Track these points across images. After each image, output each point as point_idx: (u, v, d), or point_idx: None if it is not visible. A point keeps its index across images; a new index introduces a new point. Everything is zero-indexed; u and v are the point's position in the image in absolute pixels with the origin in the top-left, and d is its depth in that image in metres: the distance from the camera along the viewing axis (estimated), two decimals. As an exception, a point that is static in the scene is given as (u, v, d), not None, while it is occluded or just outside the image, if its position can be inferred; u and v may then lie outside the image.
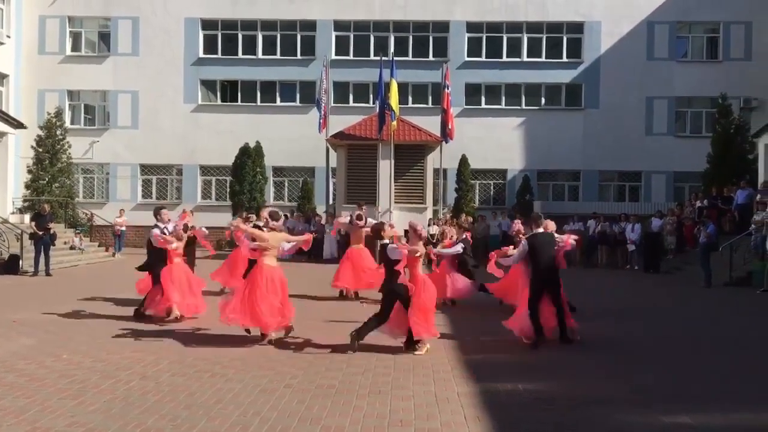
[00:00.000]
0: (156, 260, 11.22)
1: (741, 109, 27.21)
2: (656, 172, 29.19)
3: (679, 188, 29.27)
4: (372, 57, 28.74)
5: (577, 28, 29.67)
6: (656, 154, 28.75)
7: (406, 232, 10.84)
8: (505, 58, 29.81)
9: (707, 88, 28.26)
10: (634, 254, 23.02)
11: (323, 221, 24.79)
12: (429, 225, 24.14)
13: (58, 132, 27.57)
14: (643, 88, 29.12)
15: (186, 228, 11.77)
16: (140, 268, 11.94)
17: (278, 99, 30.28)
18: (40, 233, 18.17)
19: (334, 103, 28.21)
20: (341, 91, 29.76)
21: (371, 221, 13.90)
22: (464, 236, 13.52)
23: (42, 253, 18.20)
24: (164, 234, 11.28)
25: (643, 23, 29.26)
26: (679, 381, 7.65)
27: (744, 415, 6.45)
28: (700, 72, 29.17)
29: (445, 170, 26.58)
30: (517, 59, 29.76)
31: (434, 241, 23.79)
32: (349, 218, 14.45)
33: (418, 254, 9.01)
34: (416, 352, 8.66)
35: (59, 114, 28.05)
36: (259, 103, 30.14)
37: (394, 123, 23.29)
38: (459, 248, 11.90)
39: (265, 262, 9.25)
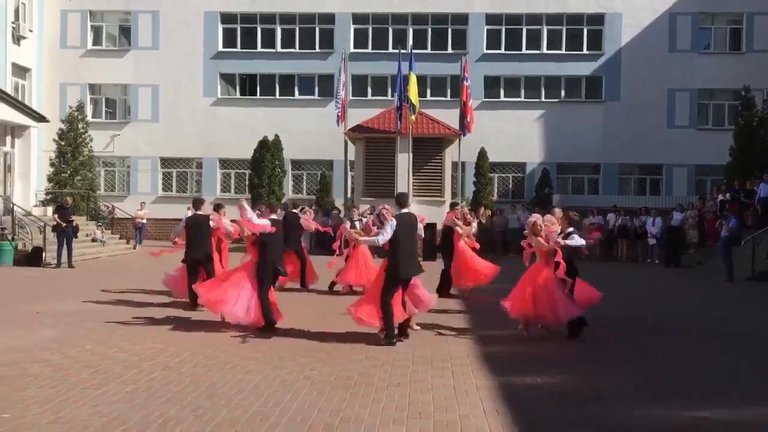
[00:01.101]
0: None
1: (764, 101, 26.77)
2: (678, 165, 28.88)
3: (701, 181, 28.95)
4: (390, 50, 28.68)
5: (597, 19, 29.38)
6: (678, 147, 28.43)
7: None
8: (524, 51, 29.60)
9: (730, 80, 27.86)
10: (655, 248, 22.86)
11: (341, 214, 24.83)
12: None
13: (80, 125, 27.85)
14: (664, 80, 28.78)
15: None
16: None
17: (297, 92, 30.33)
18: (63, 225, 18.39)
19: (352, 96, 28.20)
20: (360, 84, 29.74)
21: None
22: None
23: (64, 246, 18.42)
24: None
25: (665, 14, 28.90)
26: (700, 375, 7.60)
27: (766, 410, 6.40)
28: (722, 64, 28.77)
29: (463, 163, 26.50)
30: (537, 51, 29.55)
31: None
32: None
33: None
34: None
35: (81, 108, 28.33)
36: (277, 97, 30.22)
37: (413, 116, 23.26)
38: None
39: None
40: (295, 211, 15.08)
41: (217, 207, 12.16)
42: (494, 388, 6.84)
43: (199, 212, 11.83)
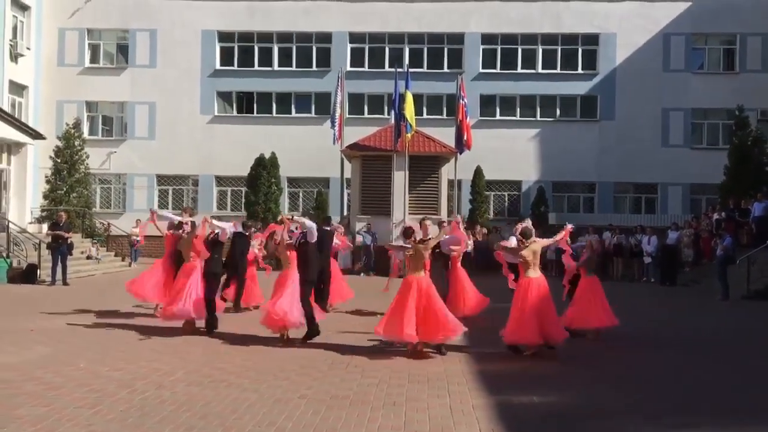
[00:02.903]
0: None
1: (758, 121, 27.00)
2: (672, 184, 29.01)
3: (696, 200, 29.07)
4: (387, 69, 28.86)
5: (592, 39, 29.63)
6: (672, 166, 28.57)
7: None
8: (519, 70, 29.82)
9: (724, 99, 28.07)
10: (651, 267, 22.85)
11: (341, 231, 24.71)
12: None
13: (76, 143, 27.84)
14: (659, 99, 29.00)
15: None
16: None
17: (293, 110, 30.46)
18: (59, 240, 18.32)
19: (349, 114, 28.30)
20: (356, 102, 29.87)
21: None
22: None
23: (59, 263, 18.34)
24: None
25: (659, 35, 29.18)
26: (693, 393, 7.59)
27: (758, 429, 6.39)
28: (716, 84, 29.01)
29: (459, 181, 26.55)
30: (532, 71, 29.76)
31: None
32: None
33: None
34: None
35: (77, 125, 28.35)
36: (274, 115, 30.33)
37: (409, 135, 23.32)
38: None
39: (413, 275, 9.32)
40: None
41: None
42: (490, 407, 6.81)
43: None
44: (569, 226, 10.37)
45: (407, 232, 9.56)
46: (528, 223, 9.91)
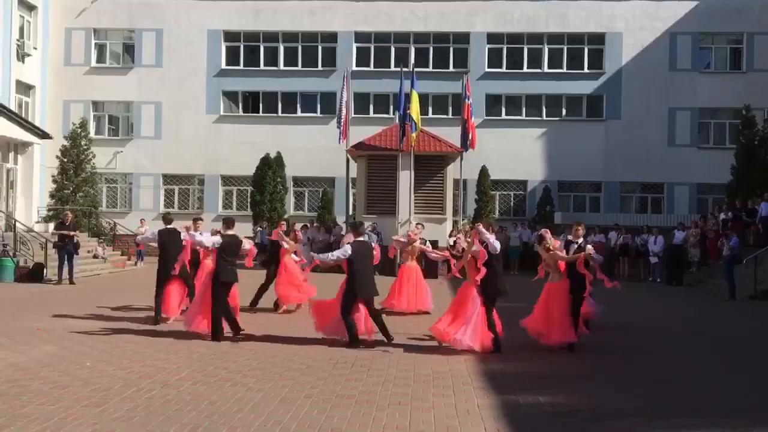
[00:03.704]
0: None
1: (765, 120, 26.84)
2: (679, 184, 28.90)
3: (703, 200, 28.95)
4: (392, 68, 28.84)
5: (598, 39, 29.55)
6: (679, 166, 28.46)
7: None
8: (525, 69, 29.77)
9: (731, 99, 27.93)
10: (657, 267, 22.79)
11: (343, 231, 24.77)
12: (449, 236, 24.07)
13: (83, 142, 27.93)
14: (665, 99, 28.89)
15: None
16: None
17: (299, 110, 30.49)
18: (65, 238, 18.38)
19: (354, 114, 28.28)
20: (362, 102, 29.87)
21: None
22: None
23: (66, 262, 18.39)
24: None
25: (665, 34, 29.07)
26: (699, 395, 7.57)
27: (758, 429, 6.36)
28: (723, 83, 28.88)
29: (465, 181, 26.51)
30: (538, 70, 29.70)
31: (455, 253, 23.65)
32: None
33: None
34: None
35: (84, 124, 28.44)
36: (280, 114, 30.37)
37: (414, 134, 23.30)
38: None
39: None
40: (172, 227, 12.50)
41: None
42: (496, 407, 6.81)
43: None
44: (590, 250, 10.09)
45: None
46: (582, 226, 10.47)
